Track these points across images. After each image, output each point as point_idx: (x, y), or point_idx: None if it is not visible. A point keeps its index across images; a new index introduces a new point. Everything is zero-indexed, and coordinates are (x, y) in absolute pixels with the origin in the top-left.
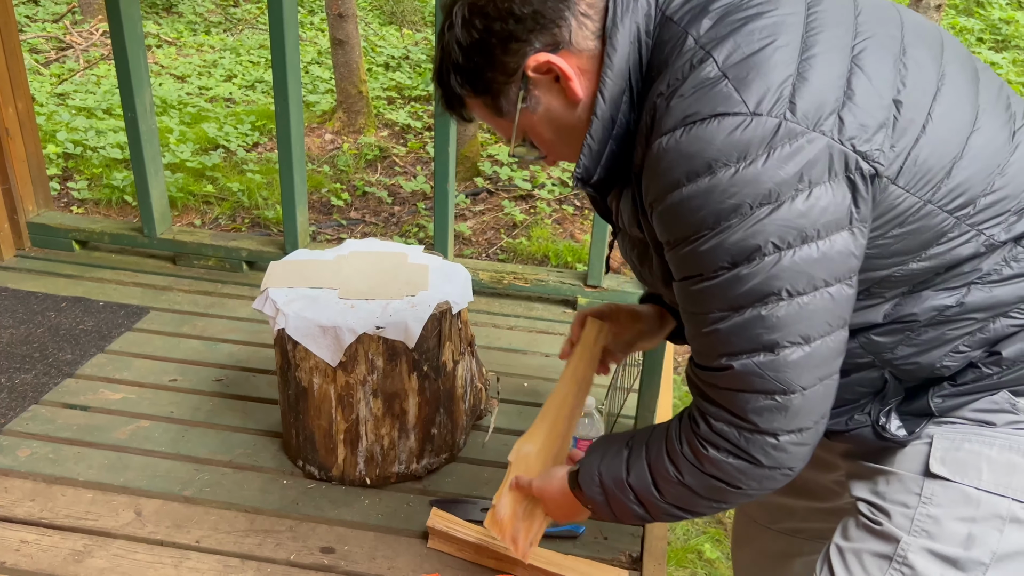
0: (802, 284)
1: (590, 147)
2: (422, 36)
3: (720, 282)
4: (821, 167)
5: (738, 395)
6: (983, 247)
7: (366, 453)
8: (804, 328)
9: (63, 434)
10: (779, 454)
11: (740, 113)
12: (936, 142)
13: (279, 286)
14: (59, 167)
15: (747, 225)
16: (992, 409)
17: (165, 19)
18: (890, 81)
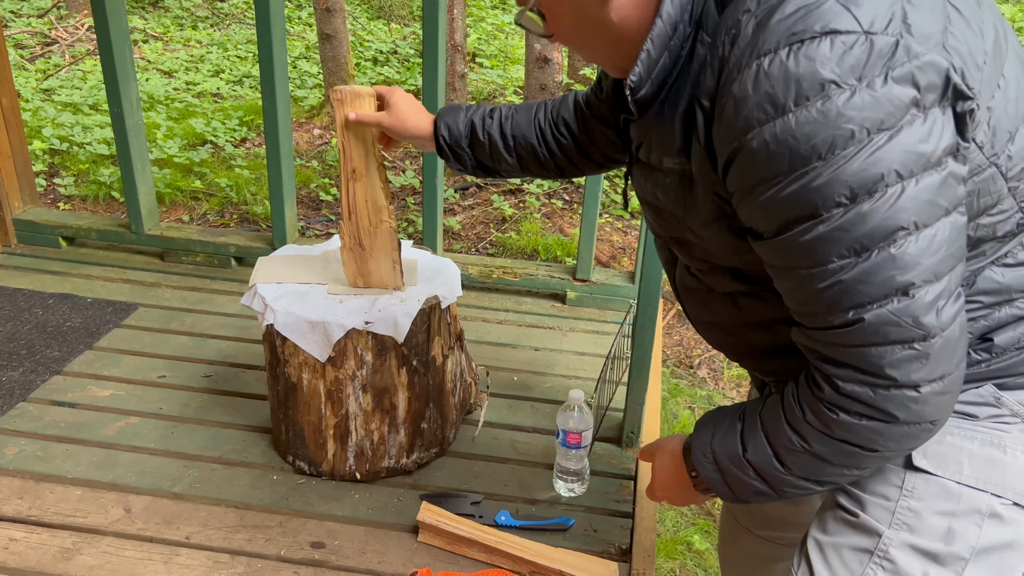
0: (928, 215)
1: (648, 53)
2: (410, 31)
3: (840, 222)
4: (937, 91)
5: (870, 351)
6: (1016, 226)
7: (356, 448)
8: (934, 263)
9: (51, 431)
10: (921, 407)
11: (853, 31)
12: (1007, 102)
13: (267, 282)
14: (45, 163)
15: (866, 153)
16: (976, 402)
17: (151, 14)
18: (978, 29)
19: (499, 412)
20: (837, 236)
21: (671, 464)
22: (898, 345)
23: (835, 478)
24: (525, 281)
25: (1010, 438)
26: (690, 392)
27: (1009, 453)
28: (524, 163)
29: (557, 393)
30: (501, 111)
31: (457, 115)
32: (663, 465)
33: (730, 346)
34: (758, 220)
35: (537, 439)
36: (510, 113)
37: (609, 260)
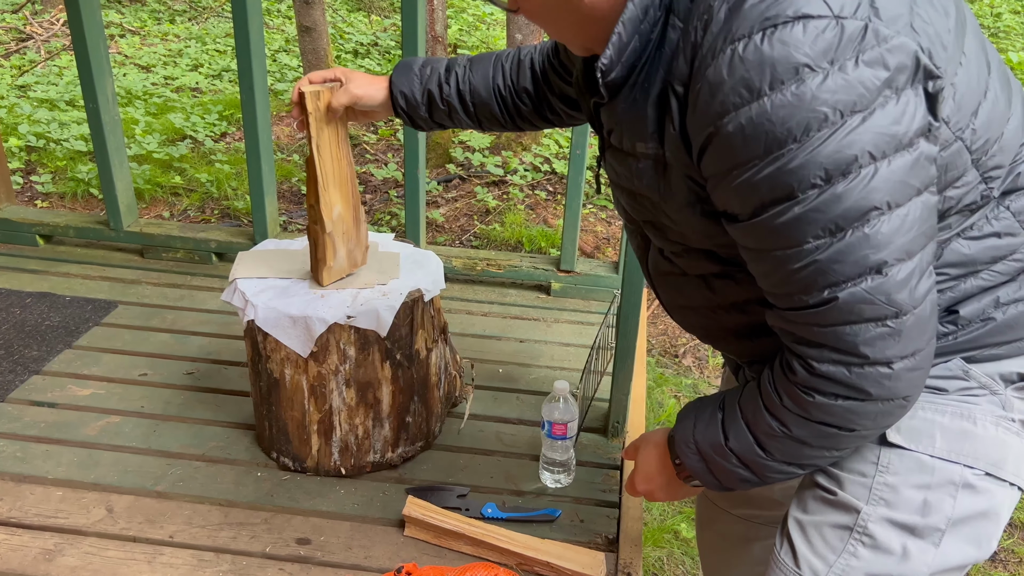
0: (900, 195)
1: (619, 36)
2: (391, 22)
3: (815, 203)
4: (908, 72)
5: (844, 329)
6: (980, 197)
7: (340, 443)
8: (906, 241)
9: (30, 432)
10: (894, 383)
11: (824, 16)
12: (970, 77)
13: (248, 277)
14: (22, 161)
15: (840, 135)
16: (945, 375)
17: (128, 8)
18: (941, 8)
19: (484, 404)
20: (812, 217)
21: (655, 454)
22: (872, 323)
23: (816, 460)
24: (509, 273)
25: (979, 410)
26: (675, 381)
27: (979, 424)
28: (483, 124)
29: (542, 384)
30: (456, 73)
31: (411, 81)
32: (647, 456)
33: (705, 329)
34: (734, 203)
35: (523, 431)
36: (466, 75)
37: (593, 250)
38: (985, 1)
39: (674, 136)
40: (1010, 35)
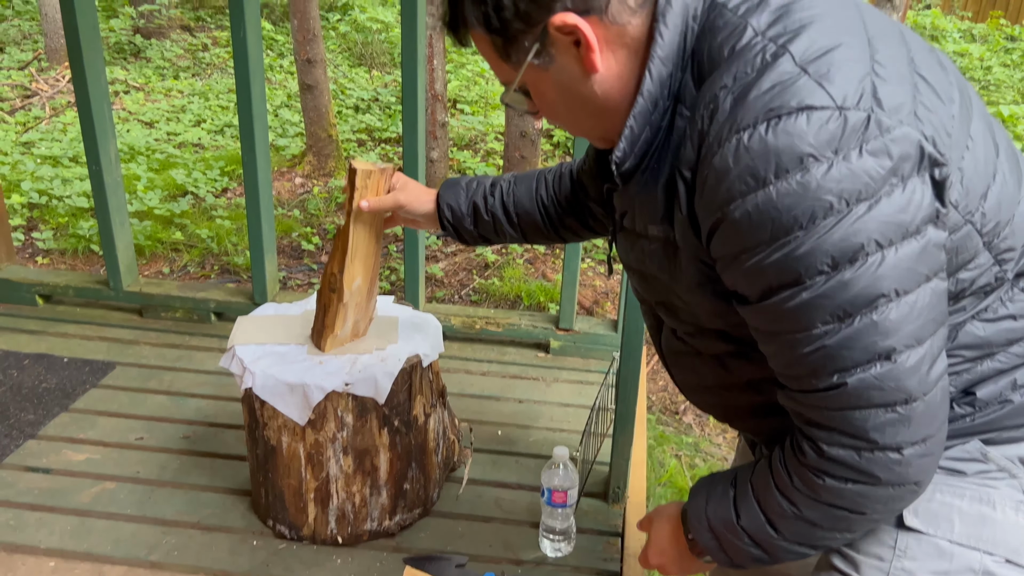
0: (908, 282)
1: (631, 130)
2: (391, 77)
3: (823, 290)
4: (912, 161)
5: (853, 414)
6: (994, 279)
7: (337, 511)
8: (916, 328)
9: (24, 499)
10: (904, 469)
11: (827, 107)
12: (975, 162)
13: (246, 343)
14: (24, 217)
15: (847, 223)
16: (963, 458)
17: (133, 64)
18: (945, 95)
19: (483, 468)
20: (820, 303)
21: (668, 527)
22: (881, 408)
23: (828, 542)
24: (508, 331)
25: (999, 494)
26: (676, 439)
27: (999, 509)
28: (528, 235)
29: (542, 447)
30: (501, 187)
31: (458, 194)
32: (660, 529)
33: (721, 409)
34: (743, 286)
35: (522, 496)
36: (510, 189)
37: (592, 305)
38: (975, 55)
39: (683, 219)
40: (1000, 88)
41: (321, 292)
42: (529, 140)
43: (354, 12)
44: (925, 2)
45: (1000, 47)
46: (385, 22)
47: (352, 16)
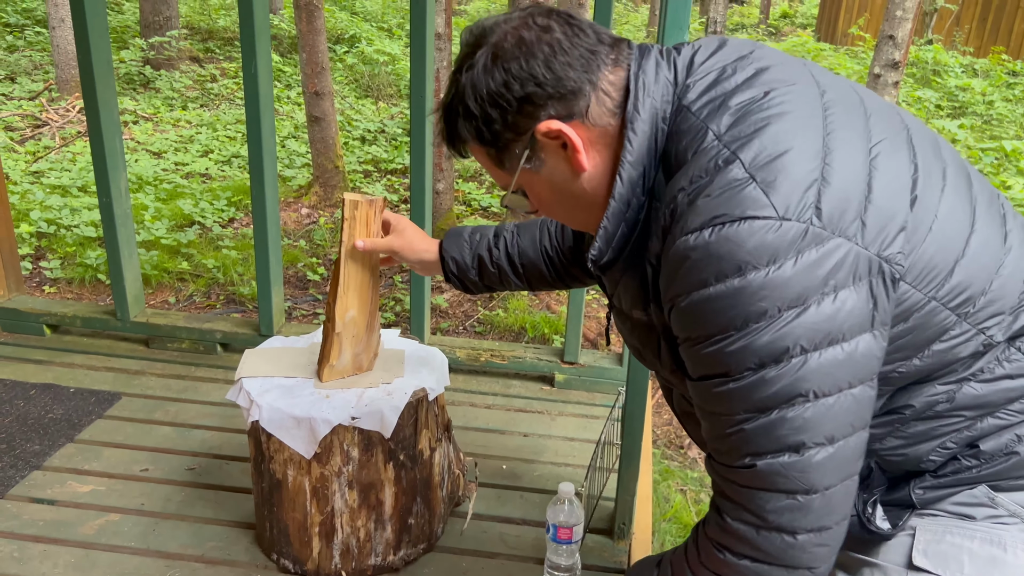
0: (828, 385)
1: (606, 229)
2: (398, 110)
3: (747, 384)
4: (847, 271)
5: (758, 493)
6: (982, 346)
7: (341, 546)
8: (829, 429)
9: (28, 531)
10: (797, 553)
11: (769, 217)
12: (942, 239)
13: (253, 375)
14: (32, 246)
15: (775, 328)
16: (971, 503)
17: (142, 95)
18: (906, 183)
19: (488, 503)
20: (744, 394)
21: None
22: (782, 494)
23: None
24: (513, 364)
25: (1010, 536)
26: (682, 474)
27: (1010, 551)
28: (534, 284)
29: (547, 482)
30: (504, 238)
31: (462, 247)
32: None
33: None
34: (687, 364)
35: (527, 531)
36: (514, 240)
37: (596, 337)
38: (977, 90)
39: (654, 304)
40: (1003, 123)
41: (324, 322)
42: None
43: (361, 44)
44: (927, 37)
45: (1002, 82)
46: (392, 54)
47: (359, 48)
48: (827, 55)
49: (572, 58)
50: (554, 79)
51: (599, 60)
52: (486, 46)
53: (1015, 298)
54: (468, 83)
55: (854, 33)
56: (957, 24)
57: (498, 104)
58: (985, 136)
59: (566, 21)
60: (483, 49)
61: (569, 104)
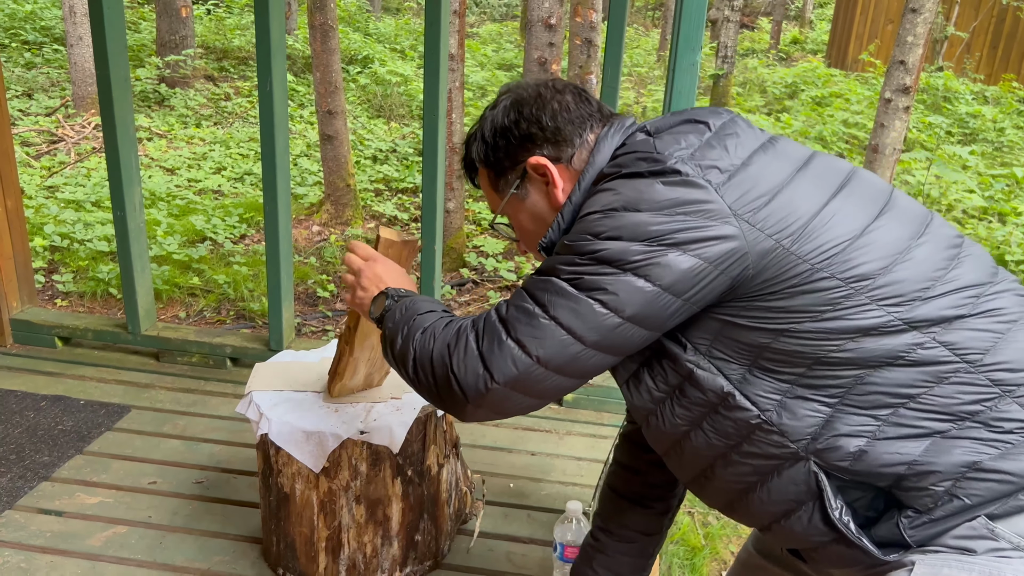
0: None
1: (559, 223)
2: (409, 130)
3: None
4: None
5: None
6: (890, 325)
7: (348, 561)
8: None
9: (36, 541)
10: (470, 364)
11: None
12: (810, 212)
13: (263, 389)
14: (45, 260)
15: None
16: (972, 535)
17: (157, 112)
18: (810, 189)
19: (495, 521)
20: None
21: (387, 275)
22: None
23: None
24: None
25: (1011, 569)
26: (689, 497)
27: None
28: (642, 526)
29: (554, 501)
30: (599, 536)
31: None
32: (388, 270)
33: (712, 492)
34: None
35: (533, 550)
36: (607, 529)
37: None
38: (988, 117)
39: None
40: (1014, 150)
41: (339, 340)
42: None
43: (374, 65)
44: (938, 64)
45: (1013, 109)
46: (404, 75)
47: (372, 69)
48: (837, 81)
49: (572, 117)
50: (553, 128)
51: (591, 122)
52: (511, 94)
53: (917, 287)
54: (489, 117)
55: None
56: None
57: (506, 136)
58: (996, 163)
59: (577, 92)
60: (508, 95)
61: (559, 149)
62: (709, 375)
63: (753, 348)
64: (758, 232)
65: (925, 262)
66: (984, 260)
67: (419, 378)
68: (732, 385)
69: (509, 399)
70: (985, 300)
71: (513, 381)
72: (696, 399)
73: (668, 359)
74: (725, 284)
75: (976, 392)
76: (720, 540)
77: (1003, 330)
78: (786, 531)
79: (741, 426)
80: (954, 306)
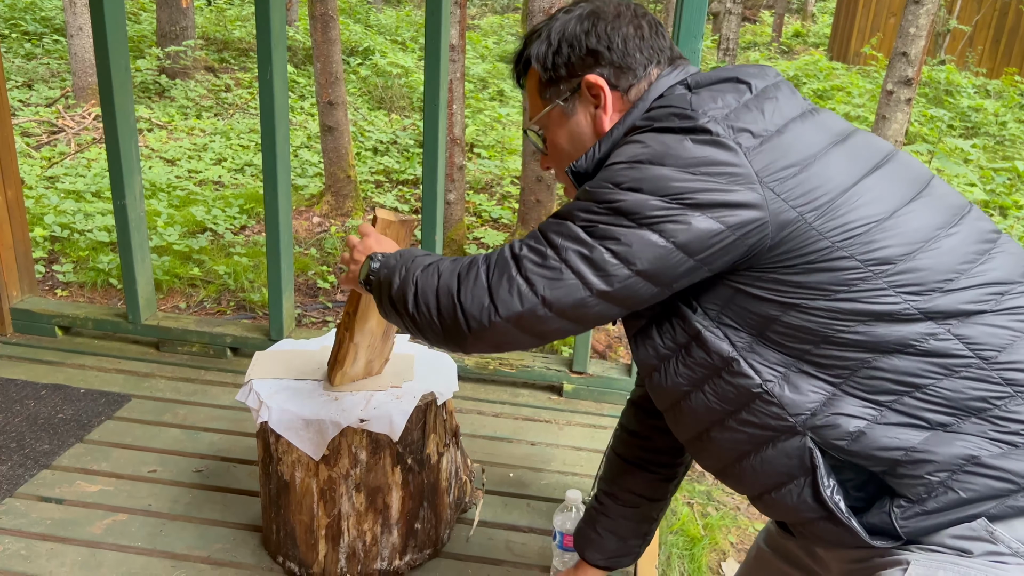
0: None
1: (594, 152)
2: (410, 121)
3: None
4: None
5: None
6: (904, 312)
7: (348, 549)
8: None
9: (36, 529)
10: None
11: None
12: (844, 185)
13: (264, 377)
14: (45, 250)
15: None
16: (970, 536)
17: (157, 103)
18: (844, 162)
19: (494, 510)
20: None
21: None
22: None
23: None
24: (521, 373)
25: (1007, 575)
26: (688, 487)
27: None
28: (647, 492)
29: (554, 491)
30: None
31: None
32: (381, 242)
33: (707, 455)
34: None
35: (533, 539)
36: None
37: (605, 349)
38: (990, 110)
39: None
40: (1015, 143)
41: (338, 328)
42: (545, 184)
43: (375, 57)
44: (940, 58)
45: (1015, 103)
46: (405, 67)
47: (373, 60)
48: (839, 74)
49: (644, 47)
50: (622, 52)
51: (659, 58)
52: (591, 3)
53: (939, 277)
54: (561, 20)
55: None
56: (970, 45)
57: (572, 45)
58: (998, 157)
59: (655, 24)
60: (587, 4)
61: (620, 75)
62: (716, 338)
63: (762, 319)
64: (782, 202)
65: (951, 253)
66: (1019, 258)
67: (420, 312)
68: (737, 351)
69: (509, 335)
70: (1010, 298)
71: (516, 318)
72: (700, 360)
73: (678, 318)
74: (741, 251)
75: (986, 389)
76: (719, 531)
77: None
78: (776, 503)
79: (741, 393)
80: (975, 300)
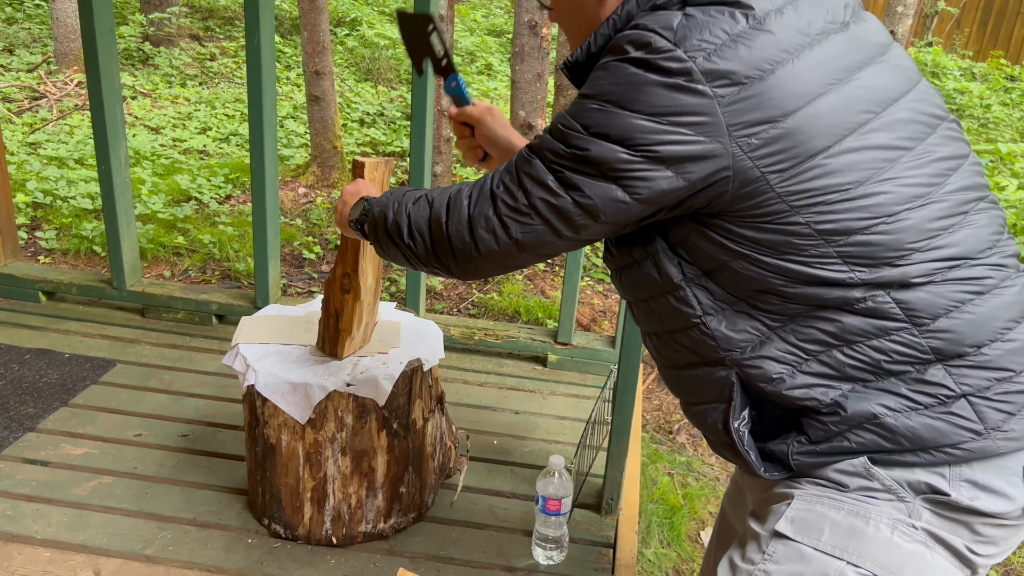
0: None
1: (590, 44)
2: (397, 93)
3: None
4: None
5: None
6: (842, 276)
7: (333, 512)
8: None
9: (22, 490)
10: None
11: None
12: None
13: (250, 342)
14: (27, 216)
15: None
16: (848, 471)
17: (141, 71)
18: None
19: (478, 476)
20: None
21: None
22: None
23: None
24: (507, 343)
25: (876, 511)
26: (669, 458)
27: (871, 525)
28: None
29: (537, 458)
30: None
31: None
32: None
33: (653, 351)
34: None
35: (516, 504)
36: None
37: (589, 323)
38: (975, 93)
39: None
40: (999, 126)
41: (328, 300)
42: None
43: (362, 28)
44: (927, 39)
45: (1000, 86)
46: (393, 39)
47: (360, 32)
48: None
49: None
50: None
51: None
52: None
53: (892, 253)
54: None
55: None
56: (957, 27)
57: None
58: (982, 139)
59: None
60: None
61: None
62: (668, 263)
63: (711, 259)
64: (748, 159)
65: (913, 229)
66: (987, 229)
67: (415, 241)
68: (685, 280)
69: (491, 267)
70: (960, 270)
71: (492, 255)
72: (651, 277)
73: (640, 237)
74: (700, 201)
75: (911, 355)
76: (699, 500)
77: (965, 300)
78: (696, 416)
79: (681, 317)
80: (923, 274)
